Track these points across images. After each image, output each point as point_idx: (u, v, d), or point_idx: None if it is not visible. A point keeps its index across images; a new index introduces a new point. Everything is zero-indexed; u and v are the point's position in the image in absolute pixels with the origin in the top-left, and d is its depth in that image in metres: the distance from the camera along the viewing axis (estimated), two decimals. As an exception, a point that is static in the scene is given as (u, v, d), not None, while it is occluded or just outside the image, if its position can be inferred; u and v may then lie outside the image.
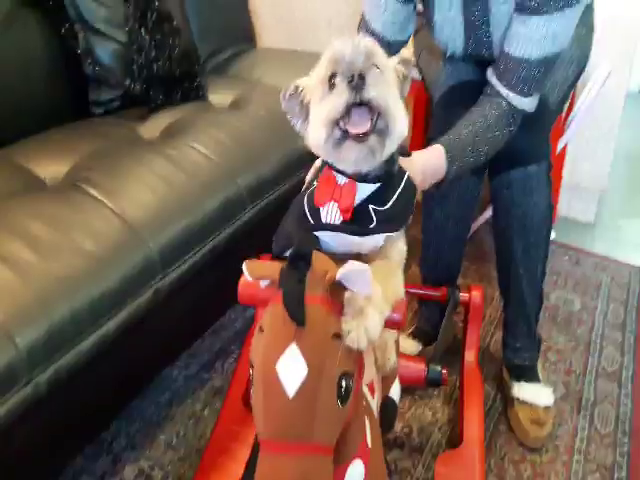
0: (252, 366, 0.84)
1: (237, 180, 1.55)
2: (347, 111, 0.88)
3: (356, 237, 0.97)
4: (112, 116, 1.75)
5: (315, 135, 0.93)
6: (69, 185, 1.39)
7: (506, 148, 1.35)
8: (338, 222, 0.97)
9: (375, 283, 0.85)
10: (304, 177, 1.14)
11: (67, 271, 1.20)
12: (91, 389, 1.29)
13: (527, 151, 1.42)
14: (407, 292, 1.02)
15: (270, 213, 1.63)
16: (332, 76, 0.90)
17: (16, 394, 1.08)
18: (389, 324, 0.94)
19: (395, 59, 0.99)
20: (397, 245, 1.01)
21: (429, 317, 1.79)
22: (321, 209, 0.98)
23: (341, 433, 0.85)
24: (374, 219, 0.97)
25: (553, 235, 2.41)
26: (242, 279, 0.97)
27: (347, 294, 0.85)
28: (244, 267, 0.91)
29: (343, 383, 0.82)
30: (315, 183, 1.02)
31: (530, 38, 1.24)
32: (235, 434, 0.93)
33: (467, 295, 1.59)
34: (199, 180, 1.49)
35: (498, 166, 1.44)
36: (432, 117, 1.57)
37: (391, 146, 0.94)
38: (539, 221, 1.50)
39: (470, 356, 1.56)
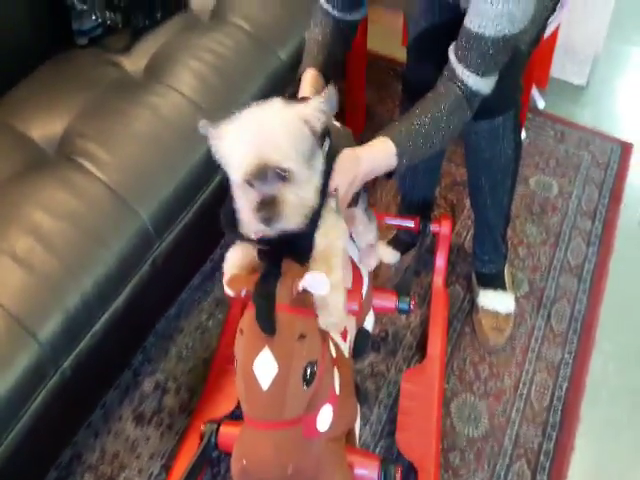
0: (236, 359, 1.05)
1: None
2: None
3: None
4: (96, 47, 1.76)
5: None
6: (65, 158, 1.49)
7: None
8: None
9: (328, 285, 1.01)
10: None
11: (74, 259, 1.34)
12: (108, 355, 1.49)
13: (494, 104, 1.43)
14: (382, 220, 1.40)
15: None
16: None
17: (47, 385, 1.27)
18: (350, 313, 1.16)
19: (310, 108, 1.00)
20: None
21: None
22: None
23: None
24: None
25: (542, 105, 2.48)
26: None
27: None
28: (225, 286, 1.09)
29: (308, 370, 1.03)
30: None
31: (486, 12, 1.18)
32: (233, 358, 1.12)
33: (438, 226, 1.74)
34: (183, 132, 1.56)
35: None
36: (407, 54, 1.59)
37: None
38: (505, 162, 1.59)
39: (438, 281, 1.76)
